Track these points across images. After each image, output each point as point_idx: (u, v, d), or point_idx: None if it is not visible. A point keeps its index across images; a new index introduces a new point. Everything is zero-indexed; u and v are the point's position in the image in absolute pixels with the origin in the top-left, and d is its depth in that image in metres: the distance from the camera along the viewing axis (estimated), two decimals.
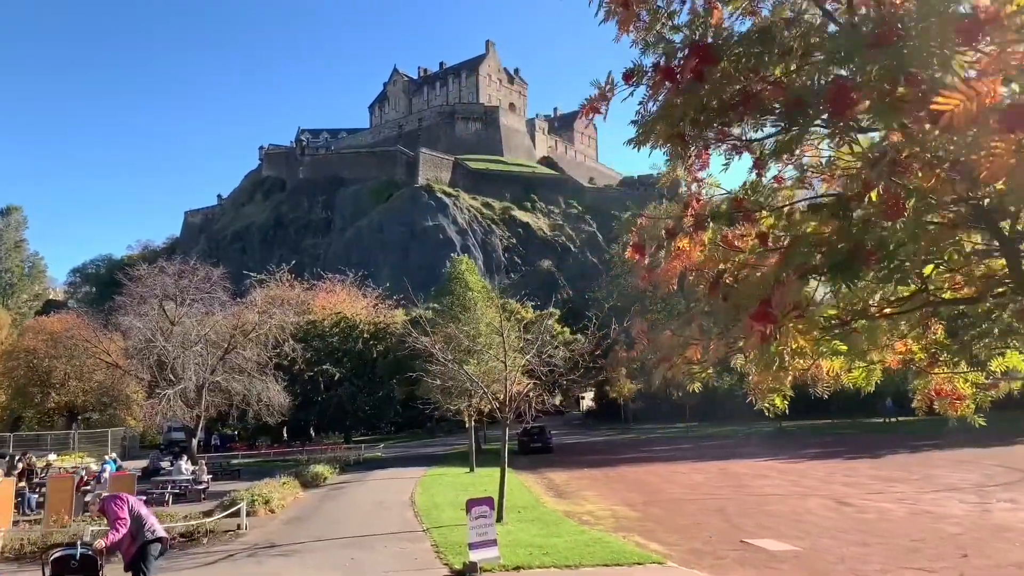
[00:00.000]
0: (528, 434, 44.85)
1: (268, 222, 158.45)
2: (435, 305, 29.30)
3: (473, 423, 34.88)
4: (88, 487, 23.64)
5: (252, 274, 66.84)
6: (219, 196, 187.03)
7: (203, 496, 26.44)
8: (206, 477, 29.22)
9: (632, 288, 76.40)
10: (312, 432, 64.96)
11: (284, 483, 25.65)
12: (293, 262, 76.01)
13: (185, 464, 28.95)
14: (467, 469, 33.24)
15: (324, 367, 58.21)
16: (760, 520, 17.90)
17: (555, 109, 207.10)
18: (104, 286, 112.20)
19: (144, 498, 23.31)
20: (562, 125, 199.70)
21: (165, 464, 35.69)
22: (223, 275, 45.73)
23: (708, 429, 58.89)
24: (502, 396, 18.79)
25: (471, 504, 12.51)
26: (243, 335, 44.27)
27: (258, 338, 46.59)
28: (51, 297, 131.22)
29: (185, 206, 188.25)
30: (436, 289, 33.86)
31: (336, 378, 58.38)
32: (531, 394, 18.09)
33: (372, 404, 62.00)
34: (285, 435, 60.46)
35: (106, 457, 33.10)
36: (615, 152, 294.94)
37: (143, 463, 39.87)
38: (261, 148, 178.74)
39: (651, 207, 73.60)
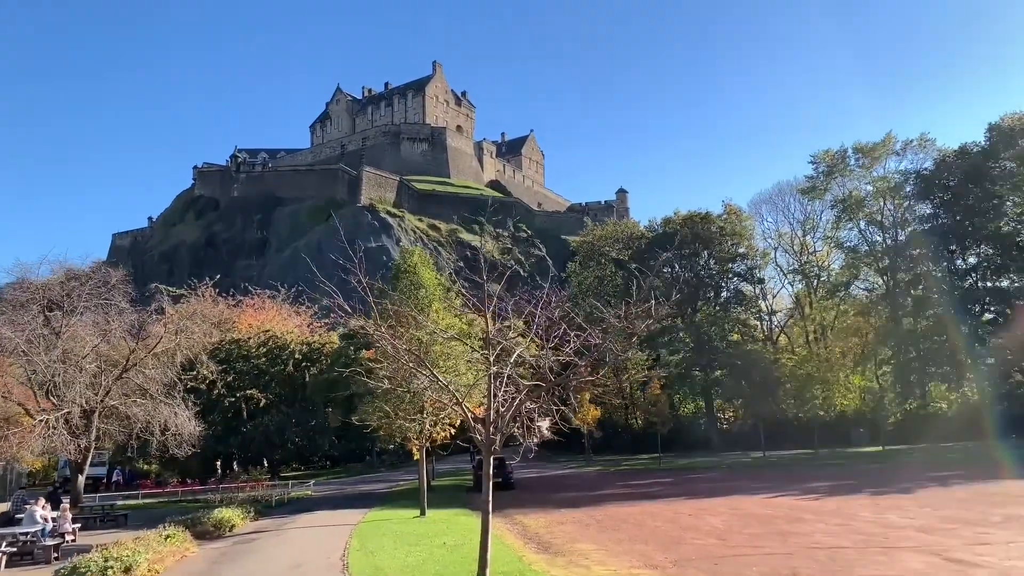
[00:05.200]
0: None
1: (199, 242, 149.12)
2: (387, 297, 22.78)
3: (424, 454, 28.50)
4: None
5: (167, 288, 59.08)
6: (150, 218, 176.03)
7: (56, 555, 19.26)
8: (70, 527, 22.04)
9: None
10: (235, 467, 56.99)
11: (169, 536, 18.72)
12: (218, 276, 68.13)
13: (41, 510, 21.62)
14: (416, 512, 26.63)
15: (248, 392, 50.75)
16: None
17: (502, 134, 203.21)
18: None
19: None
20: (509, 150, 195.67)
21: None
22: (123, 278, 38.39)
23: (678, 461, 53.33)
24: (483, 411, 12.70)
25: None
26: (146, 350, 36.88)
27: (166, 355, 39.27)
28: None
29: (116, 229, 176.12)
30: (379, 288, 27.44)
31: (262, 404, 50.89)
32: (530, 405, 11.93)
33: (303, 434, 54.56)
34: (192, 470, 52.03)
35: None
36: (562, 179, 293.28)
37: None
38: (195, 168, 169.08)
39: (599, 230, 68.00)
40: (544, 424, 14.43)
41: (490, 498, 11.89)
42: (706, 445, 62.23)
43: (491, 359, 11.97)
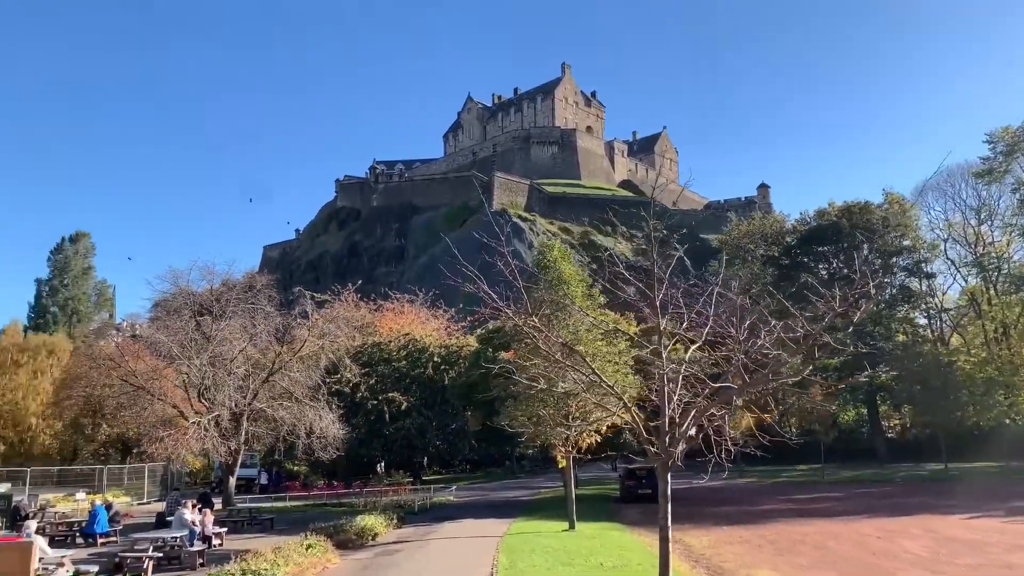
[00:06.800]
0: (634, 477, 36.25)
1: (342, 251, 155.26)
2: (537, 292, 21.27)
3: (571, 462, 26.70)
4: None
5: (311, 294, 60.51)
6: (297, 230, 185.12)
7: (202, 561, 18.89)
8: (211, 531, 21.82)
9: None
10: (379, 469, 57.44)
11: (309, 545, 17.88)
12: (359, 282, 69.61)
13: (189, 513, 21.53)
14: (564, 525, 24.86)
15: (390, 395, 50.93)
16: None
17: (634, 133, 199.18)
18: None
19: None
20: (641, 149, 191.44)
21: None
22: (268, 283, 39.16)
23: (842, 473, 48.87)
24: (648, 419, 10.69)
25: None
26: (291, 353, 37.31)
27: (311, 359, 39.70)
28: (137, 332, 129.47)
29: (266, 242, 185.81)
30: (530, 273, 26.03)
31: (403, 407, 50.89)
32: (717, 411, 9.88)
33: (444, 438, 54.30)
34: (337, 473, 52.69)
35: (96, 501, 26.19)
36: (697, 176, 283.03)
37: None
38: (337, 181, 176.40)
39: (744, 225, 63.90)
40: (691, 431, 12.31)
41: (669, 523, 9.92)
42: (870, 456, 57.12)
43: (664, 355, 9.98)
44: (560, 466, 27.91)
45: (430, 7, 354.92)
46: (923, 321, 64.57)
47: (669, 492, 10.19)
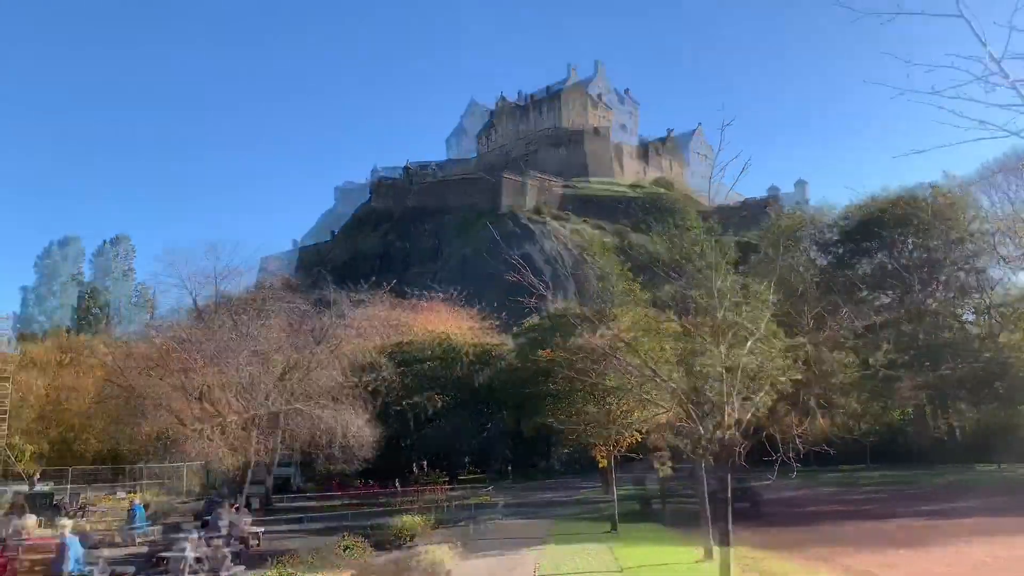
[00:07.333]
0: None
1: (375, 252, 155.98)
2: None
3: (611, 462, 26.03)
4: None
5: (346, 293, 60.54)
6: (332, 232, 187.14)
7: (239, 561, 18.58)
8: (251, 530, 21.54)
9: None
10: (415, 469, 57.17)
11: (347, 546, 17.50)
12: (394, 281, 69.50)
13: (227, 513, 21.29)
14: (606, 527, 24.17)
15: (424, 395, 50.61)
16: None
17: (668, 131, 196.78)
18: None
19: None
20: (676, 146, 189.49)
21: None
22: (304, 283, 39.14)
23: (889, 473, 47.41)
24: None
25: None
26: (328, 352, 37.16)
27: (346, 357, 39.56)
28: (175, 332, 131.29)
29: (300, 241, 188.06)
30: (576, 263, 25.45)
31: (438, 407, 50.54)
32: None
33: (479, 438, 53.85)
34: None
35: (135, 500, 26.13)
36: (733, 172, 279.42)
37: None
38: (373, 172, 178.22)
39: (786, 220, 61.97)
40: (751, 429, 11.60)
41: (730, 528, 9.25)
42: (917, 457, 55.41)
43: (722, 351, 9.32)
44: (601, 466, 27.27)
45: (460, 7, 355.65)
46: (971, 317, 62.58)
47: (730, 494, 9.53)
